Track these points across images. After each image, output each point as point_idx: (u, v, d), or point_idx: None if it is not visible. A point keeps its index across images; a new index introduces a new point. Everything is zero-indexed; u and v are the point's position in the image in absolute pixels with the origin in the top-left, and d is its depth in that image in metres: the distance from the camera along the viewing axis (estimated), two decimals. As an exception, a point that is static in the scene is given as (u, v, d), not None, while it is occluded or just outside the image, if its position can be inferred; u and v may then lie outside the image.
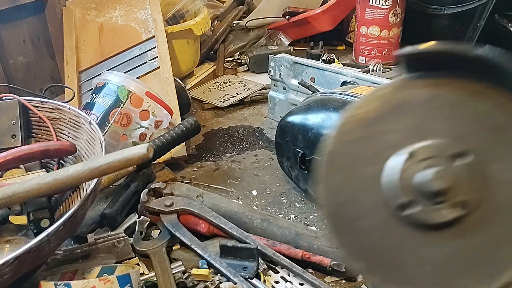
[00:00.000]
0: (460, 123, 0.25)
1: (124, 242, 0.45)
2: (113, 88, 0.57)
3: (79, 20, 0.72)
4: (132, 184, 0.51)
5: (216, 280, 0.41)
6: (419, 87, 0.26)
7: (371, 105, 0.26)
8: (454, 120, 0.25)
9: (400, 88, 0.26)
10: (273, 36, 0.97)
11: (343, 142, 0.26)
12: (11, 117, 0.49)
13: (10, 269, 0.33)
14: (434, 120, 0.25)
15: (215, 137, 0.68)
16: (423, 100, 0.26)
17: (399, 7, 0.80)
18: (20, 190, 0.37)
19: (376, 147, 0.26)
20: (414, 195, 0.24)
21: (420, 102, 0.26)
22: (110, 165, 0.36)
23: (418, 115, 0.26)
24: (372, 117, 0.26)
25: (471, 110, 0.25)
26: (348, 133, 0.26)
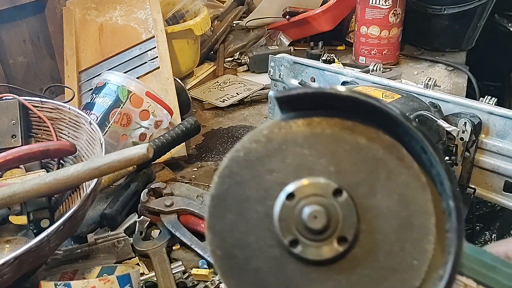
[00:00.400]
0: (338, 159, 0.26)
1: (124, 242, 0.45)
2: (113, 88, 0.57)
3: (79, 20, 0.72)
4: (132, 184, 0.51)
5: (216, 280, 0.41)
6: (296, 127, 0.27)
7: (252, 147, 0.27)
8: (332, 156, 0.26)
9: (278, 129, 0.27)
10: (273, 36, 0.97)
11: (228, 184, 0.27)
12: (11, 117, 0.49)
13: (10, 269, 0.33)
14: (314, 157, 0.26)
15: (215, 137, 0.68)
16: (302, 139, 0.27)
17: (399, 7, 0.80)
18: (20, 190, 0.37)
19: (262, 187, 0.27)
20: (297, 234, 0.25)
21: (299, 141, 0.27)
22: (110, 165, 0.36)
23: (298, 153, 0.27)
24: (254, 159, 0.27)
25: (347, 145, 0.26)
26: (232, 175, 0.27)
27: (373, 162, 0.26)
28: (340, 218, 0.25)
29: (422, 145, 0.24)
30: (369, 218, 0.26)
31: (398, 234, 0.25)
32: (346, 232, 0.25)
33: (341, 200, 0.25)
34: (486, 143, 0.48)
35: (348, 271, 0.25)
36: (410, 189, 0.25)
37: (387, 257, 0.25)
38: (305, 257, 0.25)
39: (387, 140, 0.26)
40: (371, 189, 0.26)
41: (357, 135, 0.26)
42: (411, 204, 0.25)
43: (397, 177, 0.25)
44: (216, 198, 0.27)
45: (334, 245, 0.25)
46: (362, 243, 0.26)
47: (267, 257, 0.26)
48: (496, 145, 0.47)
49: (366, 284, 0.25)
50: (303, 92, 0.25)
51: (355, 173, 0.26)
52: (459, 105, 0.48)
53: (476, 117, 0.47)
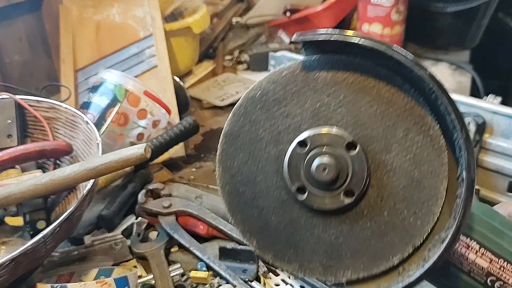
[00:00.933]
0: (357, 110, 0.26)
1: (122, 244, 0.44)
2: (110, 87, 0.56)
3: (76, 18, 0.71)
4: (129, 185, 0.50)
5: (215, 282, 0.40)
6: (318, 72, 0.26)
7: (270, 87, 0.26)
8: (352, 107, 0.26)
9: (299, 71, 0.26)
10: (273, 34, 0.96)
11: (242, 123, 0.27)
12: (7, 117, 0.48)
13: (6, 271, 0.32)
14: (333, 106, 0.26)
15: (214, 136, 0.67)
16: (322, 85, 0.26)
17: (401, 4, 0.79)
18: (16, 191, 0.37)
19: (276, 129, 0.26)
20: (305, 181, 0.26)
21: (319, 87, 0.26)
22: (107, 166, 0.36)
23: (317, 100, 0.26)
24: (271, 100, 0.27)
25: (369, 97, 0.25)
26: (246, 114, 0.27)
27: (393, 117, 0.25)
28: (350, 172, 0.25)
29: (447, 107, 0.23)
30: (380, 174, 0.25)
31: (406, 193, 0.25)
32: (354, 186, 0.25)
33: (353, 154, 0.25)
34: (490, 143, 0.47)
35: (352, 222, 0.25)
36: (426, 150, 0.24)
37: (391, 213, 0.25)
38: (309, 204, 0.25)
39: (410, 96, 0.25)
40: (386, 145, 0.25)
41: (379, 88, 0.25)
42: (424, 165, 0.24)
43: (415, 136, 0.25)
44: (229, 135, 0.27)
45: (341, 197, 0.25)
46: (369, 197, 0.25)
47: (273, 198, 0.26)
48: (500, 145, 0.47)
49: (367, 237, 0.25)
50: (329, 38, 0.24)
51: (372, 127, 0.25)
52: (463, 104, 0.48)
53: (480, 117, 0.47)
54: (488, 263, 0.26)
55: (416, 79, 0.24)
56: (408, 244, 0.25)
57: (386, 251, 0.25)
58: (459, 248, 0.27)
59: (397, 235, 0.25)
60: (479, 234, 0.27)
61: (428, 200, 0.25)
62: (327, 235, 0.26)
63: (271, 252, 0.27)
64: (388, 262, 0.25)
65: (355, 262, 0.26)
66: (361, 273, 0.25)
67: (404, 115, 0.25)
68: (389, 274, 0.25)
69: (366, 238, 0.26)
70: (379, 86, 0.25)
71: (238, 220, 0.27)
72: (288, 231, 0.26)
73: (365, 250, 0.26)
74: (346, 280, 0.26)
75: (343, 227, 0.26)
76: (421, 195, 0.25)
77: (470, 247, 0.27)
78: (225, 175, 0.27)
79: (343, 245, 0.26)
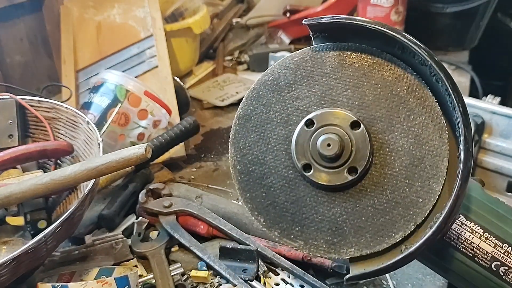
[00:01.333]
0: (362, 93, 0.27)
1: (122, 243, 0.44)
2: (111, 87, 0.56)
3: (77, 18, 0.71)
4: (130, 185, 0.50)
5: (216, 282, 0.41)
6: (326, 57, 0.28)
7: (281, 72, 0.29)
8: (357, 90, 0.28)
9: (309, 57, 0.29)
10: (273, 35, 0.97)
11: (254, 106, 0.29)
12: (8, 117, 0.48)
13: (7, 270, 0.32)
14: (339, 89, 0.28)
15: (214, 137, 0.67)
16: (330, 70, 0.28)
17: (401, 5, 0.79)
18: (17, 191, 0.37)
19: (286, 111, 0.28)
20: (311, 159, 0.27)
21: (327, 72, 0.28)
22: (108, 166, 0.36)
23: (325, 83, 0.28)
24: (282, 84, 0.29)
25: (373, 80, 0.27)
26: (259, 98, 0.29)
27: (396, 99, 0.27)
28: (354, 149, 0.26)
29: (447, 87, 0.24)
30: (383, 153, 0.27)
31: (408, 172, 0.26)
32: (358, 163, 0.26)
33: (357, 132, 0.26)
34: (489, 143, 0.47)
35: (355, 199, 0.27)
36: (427, 130, 0.26)
37: (394, 191, 0.26)
38: (315, 181, 0.27)
39: (412, 79, 0.27)
40: (389, 125, 0.26)
41: (384, 72, 0.27)
42: (426, 144, 0.26)
43: (417, 117, 0.26)
44: (242, 117, 0.29)
45: (345, 174, 0.26)
46: (372, 175, 0.27)
47: (281, 176, 0.28)
48: (499, 145, 0.47)
49: (370, 214, 0.26)
50: (333, 21, 0.26)
51: (376, 108, 0.27)
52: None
53: (479, 117, 0.47)
54: (492, 247, 0.27)
55: (419, 63, 0.26)
56: (410, 221, 0.26)
57: (389, 229, 0.26)
58: (463, 232, 0.27)
59: (399, 212, 0.26)
60: (483, 219, 0.28)
61: (429, 178, 0.26)
62: (332, 213, 0.27)
63: (277, 229, 0.27)
64: (390, 240, 0.26)
65: (358, 240, 0.26)
66: (364, 251, 0.26)
67: (406, 97, 0.27)
68: (392, 251, 0.26)
69: (369, 215, 0.26)
70: (383, 71, 0.27)
71: (247, 198, 0.28)
72: (294, 209, 0.27)
73: (368, 227, 0.26)
74: (349, 257, 0.26)
75: (347, 205, 0.27)
76: (423, 174, 0.26)
77: (474, 231, 0.27)
78: (236, 155, 0.28)
79: (346, 223, 0.27)
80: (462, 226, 0.27)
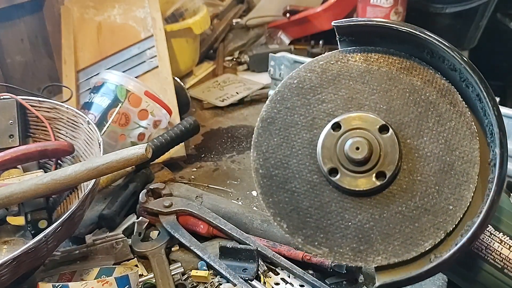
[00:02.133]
0: (390, 97, 0.27)
1: (123, 243, 0.44)
2: (111, 87, 0.56)
3: (77, 18, 0.71)
4: (130, 185, 0.50)
5: (216, 281, 0.41)
6: (353, 61, 0.28)
7: (306, 76, 0.28)
8: (385, 94, 0.27)
9: (335, 61, 0.28)
10: (273, 35, 0.97)
11: (278, 109, 0.28)
12: (9, 117, 0.48)
13: (8, 270, 0.32)
14: (367, 93, 0.27)
15: (214, 137, 0.68)
16: (357, 74, 0.28)
17: (400, 5, 0.79)
18: (17, 191, 0.37)
19: (311, 115, 0.28)
20: (337, 163, 0.26)
21: (354, 75, 0.28)
22: (109, 166, 0.36)
23: (351, 87, 0.28)
24: (307, 87, 0.28)
25: (401, 85, 0.27)
26: (283, 101, 0.28)
27: (425, 104, 0.26)
28: (382, 154, 0.25)
29: (478, 93, 0.24)
30: (412, 158, 0.26)
31: (438, 178, 0.25)
32: (386, 168, 0.25)
33: (386, 136, 0.26)
34: (488, 143, 0.47)
35: (383, 206, 0.26)
36: (458, 135, 0.25)
37: (423, 198, 0.25)
38: (341, 186, 0.26)
39: (442, 84, 0.26)
40: (418, 131, 0.26)
41: (412, 76, 0.26)
42: (456, 150, 0.25)
43: (447, 122, 0.26)
44: (266, 120, 0.28)
45: (372, 178, 0.26)
46: (400, 181, 0.26)
47: (305, 181, 0.27)
48: (499, 145, 0.47)
49: (398, 221, 0.25)
50: (362, 23, 0.26)
51: (404, 113, 0.26)
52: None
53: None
54: None
55: (448, 67, 0.25)
56: (440, 229, 0.25)
57: (418, 237, 0.25)
58: (492, 243, 0.26)
59: (429, 220, 0.25)
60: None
61: (460, 185, 0.25)
62: (358, 219, 0.26)
63: (301, 236, 0.27)
64: (419, 248, 0.25)
65: (385, 247, 0.25)
66: (391, 259, 0.25)
67: (436, 103, 0.26)
68: (420, 260, 0.25)
69: (397, 222, 0.25)
70: (412, 75, 0.26)
71: (270, 203, 0.27)
72: (318, 215, 0.27)
73: (396, 235, 0.25)
74: (376, 266, 0.25)
75: (374, 211, 0.26)
76: (453, 180, 0.25)
77: (503, 242, 0.27)
78: (259, 159, 0.28)
79: (373, 230, 0.26)
80: (491, 236, 0.26)
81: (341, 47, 0.28)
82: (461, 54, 0.24)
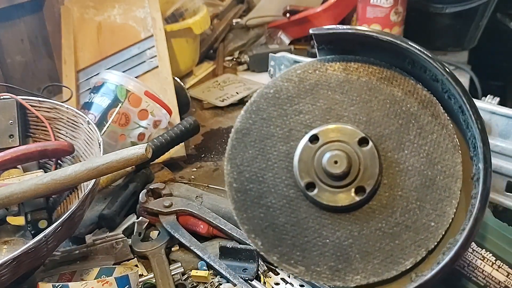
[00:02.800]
0: (370, 109, 0.26)
1: (123, 243, 0.44)
2: (111, 87, 0.56)
3: (77, 18, 0.71)
4: (130, 185, 0.50)
5: (216, 281, 0.41)
6: (331, 70, 0.27)
7: (283, 85, 0.27)
8: (365, 105, 0.26)
9: (313, 70, 0.27)
10: (273, 35, 0.97)
11: (253, 120, 0.27)
12: (9, 117, 0.48)
13: (8, 270, 0.32)
14: (346, 104, 0.26)
15: (214, 137, 0.68)
16: (336, 84, 0.27)
17: (400, 5, 0.79)
18: (17, 191, 0.37)
19: (287, 126, 0.27)
20: (315, 177, 0.25)
21: (332, 85, 0.27)
22: (109, 166, 0.36)
23: (330, 97, 0.26)
24: (284, 97, 0.27)
25: (382, 95, 0.26)
26: (259, 111, 0.27)
27: (406, 116, 0.25)
28: (362, 168, 0.25)
29: (461, 104, 0.23)
30: (392, 172, 0.25)
31: (419, 193, 0.24)
32: (366, 183, 0.25)
33: (365, 149, 0.25)
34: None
35: (362, 222, 0.25)
36: (440, 149, 0.24)
37: (404, 214, 0.24)
38: (319, 201, 0.25)
39: (424, 95, 0.25)
40: (399, 143, 0.25)
41: (393, 86, 0.25)
42: (438, 164, 0.24)
43: (428, 135, 0.25)
44: (240, 132, 0.27)
45: (352, 194, 0.25)
46: (380, 196, 0.25)
47: (281, 196, 0.26)
48: (499, 145, 0.47)
49: (378, 238, 0.24)
50: (340, 31, 0.25)
51: (385, 125, 0.25)
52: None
53: (479, 117, 0.47)
54: (505, 276, 0.25)
55: (430, 78, 0.24)
56: (421, 247, 0.24)
57: (398, 255, 0.24)
58: (474, 260, 0.26)
59: (410, 237, 0.24)
60: (495, 246, 0.26)
61: (442, 200, 0.24)
62: (336, 236, 0.25)
63: (276, 254, 0.26)
64: (400, 266, 0.24)
65: (365, 266, 0.24)
66: (371, 278, 0.24)
67: (417, 114, 0.25)
68: (401, 279, 0.24)
69: (377, 239, 0.25)
70: (392, 85, 0.26)
71: (244, 219, 0.27)
72: (295, 232, 0.26)
73: (375, 253, 0.25)
74: (355, 286, 0.24)
75: (353, 228, 0.25)
76: (435, 196, 0.24)
77: (485, 259, 0.26)
78: (233, 172, 0.27)
79: (352, 247, 0.25)
80: (473, 253, 0.26)
81: (320, 56, 0.27)
82: (444, 64, 0.23)
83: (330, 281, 0.25)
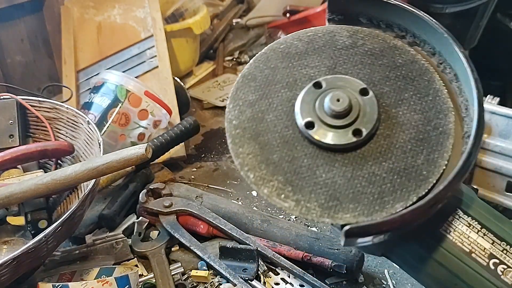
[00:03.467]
0: (372, 70, 0.28)
1: (123, 243, 0.44)
2: (111, 87, 0.56)
3: (77, 18, 0.71)
4: (130, 185, 0.50)
5: (216, 281, 0.41)
6: (339, 36, 0.29)
7: (293, 43, 0.29)
8: (367, 67, 0.28)
9: (322, 34, 0.29)
10: (273, 35, 0.97)
11: (261, 68, 0.29)
12: (9, 117, 0.48)
13: (8, 270, 0.33)
14: (351, 65, 0.28)
15: (214, 137, 0.68)
16: (342, 46, 0.29)
17: (400, 5, 0.79)
18: (17, 191, 0.37)
19: (293, 76, 0.28)
20: (315, 117, 0.27)
21: (339, 47, 0.29)
22: (109, 166, 0.36)
23: (335, 57, 0.29)
24: (293, 53, 0.29)
25: (384, 60, 0.28)
26: (267, 61, 0.29)
27: (404, 80, 0.27)
28: (361, 112, 0.26)
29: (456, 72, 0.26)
30: (389, 123, 0.27)
31: (413, 145, 0.26)
32: (364, 126, 0.26)
33: (366, 98, 0.27)
34: (488, 143, 0.47)
35: (356, 165, 0.26)
36: (434, 108, 0.26)
37: (397, 161, 0.25)
38: (317, 140, 0.26)
39: (422, 64, 0.28)
40: (397, 100, 0.27)
41: (395, 55, 0.28)
42: (432, 121, 0.26)
43: (424, 97, 0.27)
44: (247, 76, 0.28)
45: (349, 134, 0.26)
46: (376, 143, 0.26)
47: (279, 135, 0.27)
48: (499, 145, 0.47)
49: (370, 182, 0.25)
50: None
51: (385, 85, 0.27)
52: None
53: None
54: (490, 244, 0.26)
55: (428, 52, 0.27)
56: (411, 193, 0.25)
57: (389, 198, 0.25)
58: (461, 226, 0.26)
59: (402, 182, 0.25)
60: (480, 215, 0.27)
61: (434, 152, 0.26)
62: (329, 176, 0.26)
63: (267, 187, 0.26)
64: (390, 209, 0.25)
65: (355, 206, 0.25)
66: (361, 218, 0.25)
67: (415, 79, 0.27)
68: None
69: (370, 182, 0.25)
70: (394, 54, 0.28)
71: (239, 153, 0.27)
72: (288, 168, 0.26)
73: (367, 194, 0.25)
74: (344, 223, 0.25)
75: (346, 169, 0.26)
76: (428, 148, 0.26)
77: (471, 225, 0.27)
78: (234, 110, 0.28)
79: (344, 187, 0.25)
80: (459, 219, 0.27)
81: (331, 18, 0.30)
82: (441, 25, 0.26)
83: (319, 217, 0.25)
